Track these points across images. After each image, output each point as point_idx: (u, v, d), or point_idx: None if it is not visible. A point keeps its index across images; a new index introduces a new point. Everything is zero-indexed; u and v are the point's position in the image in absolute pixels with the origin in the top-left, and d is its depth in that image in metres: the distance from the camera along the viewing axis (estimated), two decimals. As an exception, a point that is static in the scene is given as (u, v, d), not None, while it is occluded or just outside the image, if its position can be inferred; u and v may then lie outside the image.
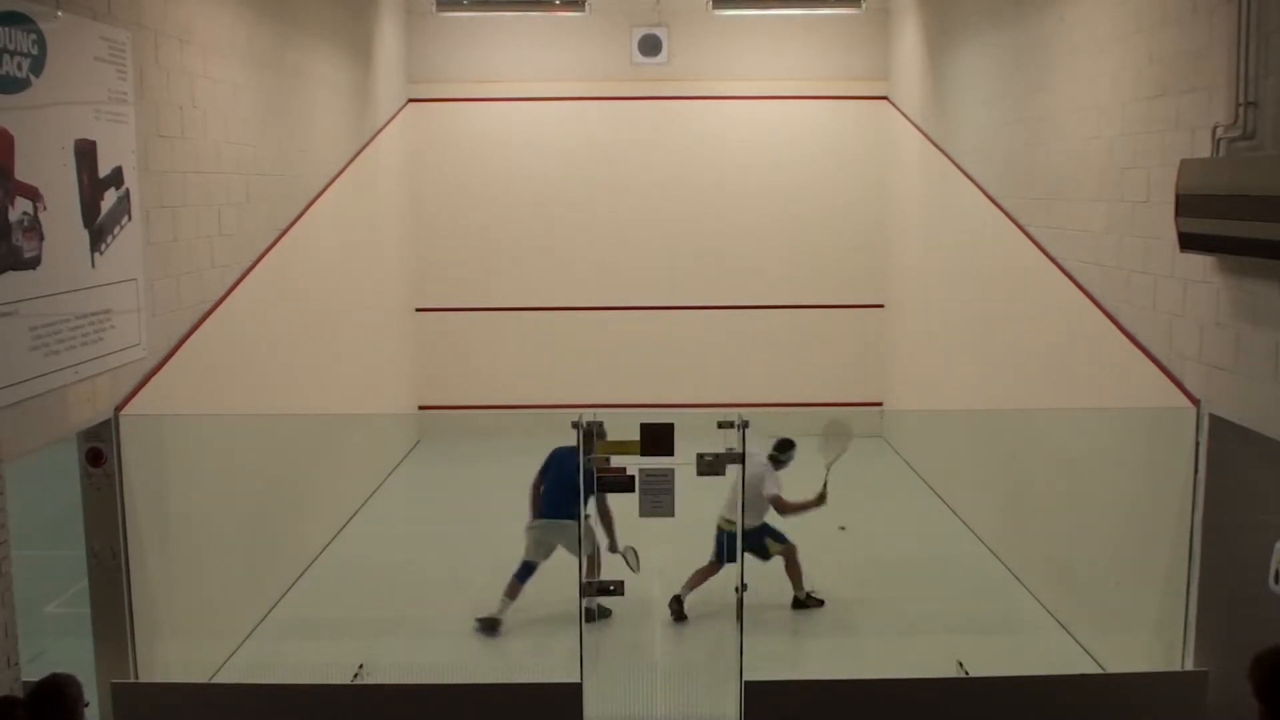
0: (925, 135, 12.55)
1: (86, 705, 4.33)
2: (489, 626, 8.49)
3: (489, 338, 14.61)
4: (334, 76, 11.13)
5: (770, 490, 8.61)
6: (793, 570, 8.87)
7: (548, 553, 8.59)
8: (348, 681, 7.11)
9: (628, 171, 14.47)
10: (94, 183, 6.30)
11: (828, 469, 8.62)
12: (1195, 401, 6.60)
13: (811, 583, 8.97)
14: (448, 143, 14.43)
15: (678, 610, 8.64)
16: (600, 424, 7.00)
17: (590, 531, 7.91)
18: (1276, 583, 5.60)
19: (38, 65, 5.71)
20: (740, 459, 7.11)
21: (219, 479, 8.04)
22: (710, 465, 7.13)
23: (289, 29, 9.75)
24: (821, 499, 8.60)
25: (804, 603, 8.93)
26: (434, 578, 9.81)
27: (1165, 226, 6.60)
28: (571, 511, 7.83)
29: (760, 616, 7.69)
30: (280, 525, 9.28)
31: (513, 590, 8.55)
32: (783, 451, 8.87)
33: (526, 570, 8.60)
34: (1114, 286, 7.66)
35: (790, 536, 8.82)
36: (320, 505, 10.47)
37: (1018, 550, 9.60)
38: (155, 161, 7.09)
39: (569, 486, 7.54)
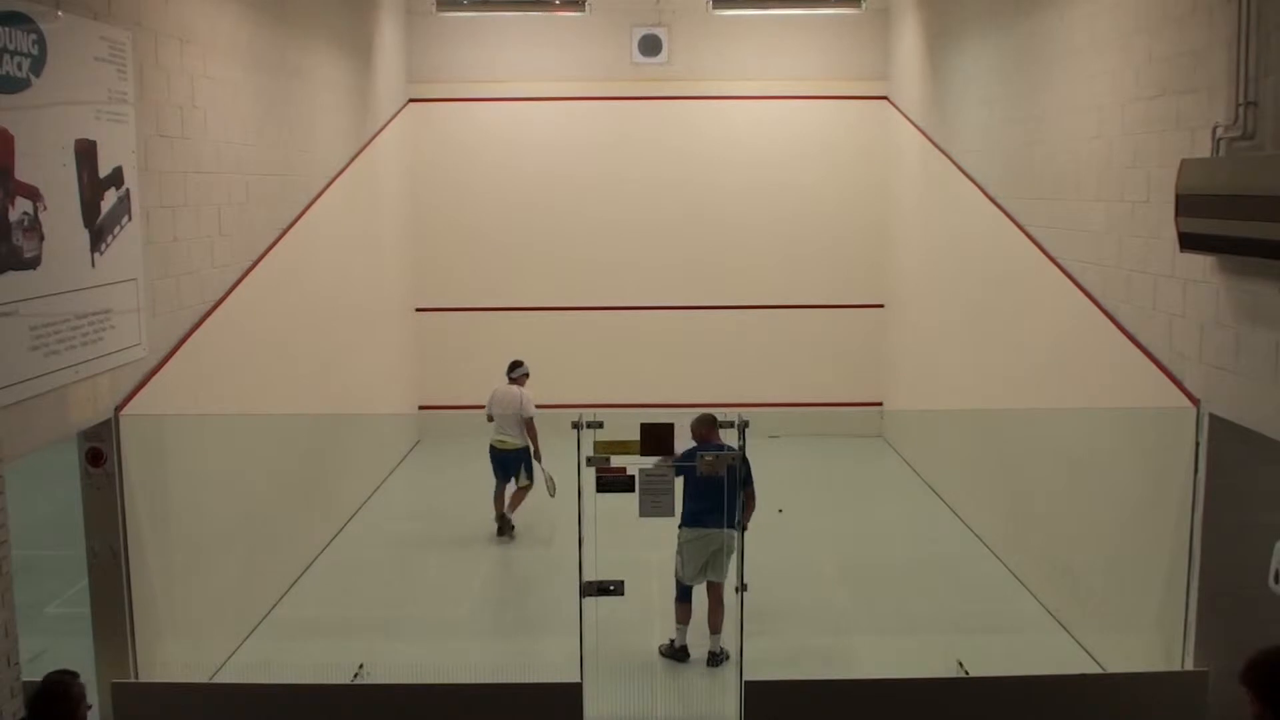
0: (925, 135, 12.55)
1: (90, 707, 4.32)
2: (678, 655, 7.98)
3: (489, 338, 14.58)
4: (334, 76, 11.13)
5: (527, 413, 10.47)
6: (516, 500, 10.67)
7: (699, 569, 7.93)
8: (348, 681, 7.11)
9: (628, 171, 14.47)
10: (94, 183, 6.30)
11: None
12: (1195, 401, 6.60)
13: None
14: (448, 143, 14.43)
15: (503, 527, 10.62)
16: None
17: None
18: (1276, 582, 5.60)
19: (38, 65, 5.71)
20: (742, 459, 7.13)
21: (219, 479, 8.04)
22: (711, 465, 7.13)
23: (289, 29, 9.75)
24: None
25: (503, 530, 10.65)
26: (434, 578, 9.82)
27: (1165, 226, 6.60)
28: (720, 518, 7.55)
29: (761, 616, 7.68)
30: (280, 525, 9.28)
31: (683, 615, 8.00)
32: (514, 369, 10.83)
33: (684, 592, 8.00)
34: (1114, 286, 7.66)
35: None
36: (320, 505, 10.47)
37: (1018, 550, 9.59)
38: (155, 161, 7.09)
39: (714, 488, 7.39)
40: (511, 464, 10.70)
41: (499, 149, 14.44)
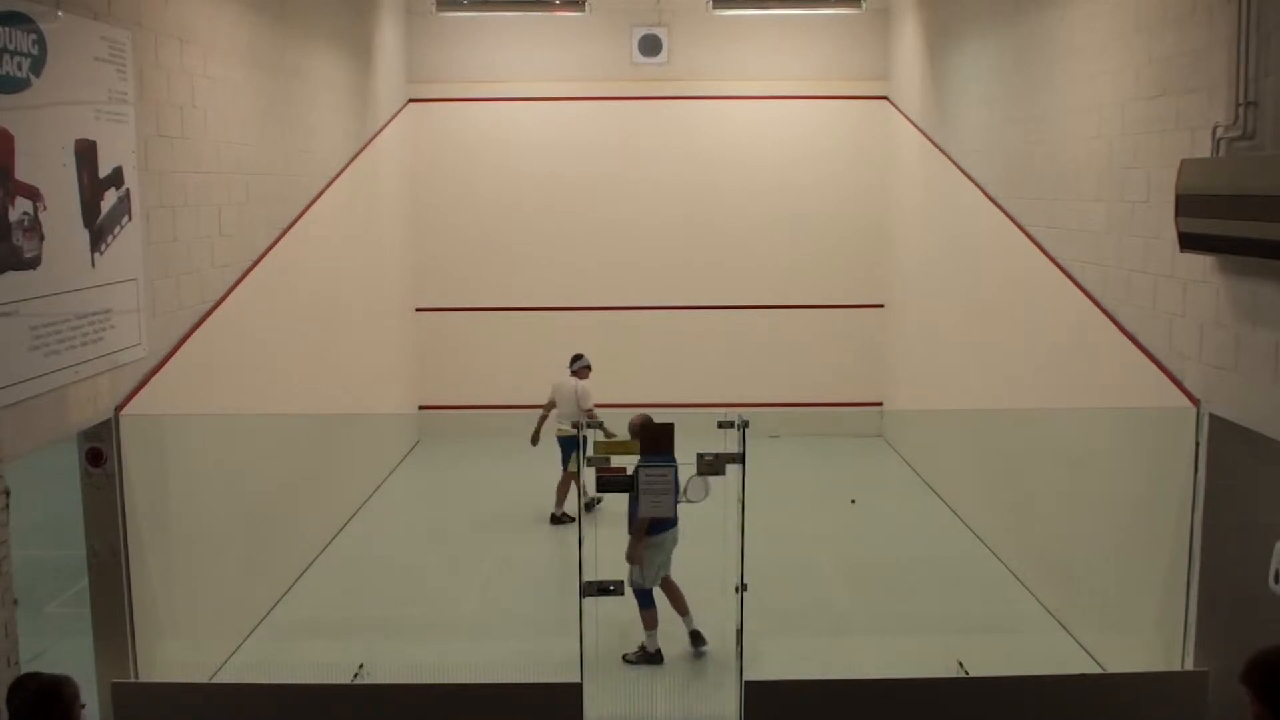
0: (925, 135, 12.55)
1: (83, 706, 4.30)
2: (652, 659, 8.01)
3: (489, 338, 14.60)
4: (334, 76, 11.13)
5: (586, 404, 10.88)
6: (562, 489, 11.06)
7: (658, 571, 8.06)
8: (348, 681, 7.11)
9: (627, 171, 14.47)
10: (94, 183, 6.30)
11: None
12: (1195, 401, 6.60)
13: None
14: (448, 143, 14.43)
15: (560, 519, 11.01)
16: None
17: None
18: (1276, 582, 5.60)
19: (38, 65, 5.71)
20: (741, 458, 7.11)
21: (219, 479, 8.04)
22: (710, 465, 7.12)
23: (289, 29, 9.75)
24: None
25: (559, 519, 11.03)
26: (434, 578, 9.82)
27: (1165, 226, 6.60)
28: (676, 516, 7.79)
29: (761, 616, 7.67)
30: (280, 525, 9.28)
31: (652, 619, 8.05)
32: (574, 362, 11.21)
33: (648, 598, 8.04)
34: (1114, 286, 7.66)
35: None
36: (320, 505, 10.47)
37: (1018, 550, 9.59)
38: (155, 161, 7.09)
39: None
40: (570, 450, 10.96)
41: (499, 149, 14.44)
